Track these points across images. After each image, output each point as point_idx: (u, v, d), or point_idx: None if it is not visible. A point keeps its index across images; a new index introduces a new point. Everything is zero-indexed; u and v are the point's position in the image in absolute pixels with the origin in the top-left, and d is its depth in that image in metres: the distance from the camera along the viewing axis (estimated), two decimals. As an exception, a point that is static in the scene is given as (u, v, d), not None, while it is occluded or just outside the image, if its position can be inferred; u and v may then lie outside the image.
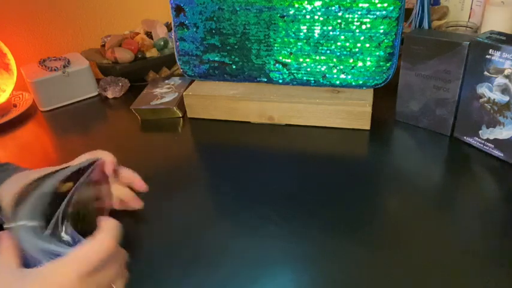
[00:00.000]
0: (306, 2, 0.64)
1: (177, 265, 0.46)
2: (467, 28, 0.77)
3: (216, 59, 0.74)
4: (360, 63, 0.66)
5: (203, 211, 0.54)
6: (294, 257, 0.45)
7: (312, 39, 0.67)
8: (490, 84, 0.54)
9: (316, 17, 0.65)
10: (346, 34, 0.65)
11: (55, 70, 0.87)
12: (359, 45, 0.65)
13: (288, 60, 0.69)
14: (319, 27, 0.65)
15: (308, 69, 0.69)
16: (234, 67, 0.73)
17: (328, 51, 0.67)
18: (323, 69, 0.68)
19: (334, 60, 0.67)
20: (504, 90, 0.53)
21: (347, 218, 0.50)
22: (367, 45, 0.64)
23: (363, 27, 0.63)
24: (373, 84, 0.67)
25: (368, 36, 0.64)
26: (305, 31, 0.66)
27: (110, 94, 0.89)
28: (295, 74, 0.70)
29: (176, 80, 0.85)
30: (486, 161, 0.57)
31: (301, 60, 0.69)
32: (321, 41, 0.66)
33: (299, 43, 0.67)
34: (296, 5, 0.65)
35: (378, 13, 0.62)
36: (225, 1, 0.68)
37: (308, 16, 0.65)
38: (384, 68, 0.66)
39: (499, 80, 0.53)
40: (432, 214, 0.50)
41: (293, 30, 0.67)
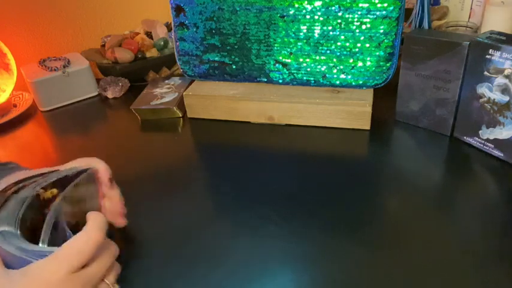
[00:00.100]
0: (306, 2, 0.64)
1: (177, 265, 0.46)
2: (467, 28, 0.77)
3: (216, 59, 0.74)
4: (360, 63, 0.66)
5: (203, 211, 0.54)
6: (294, 257, 0.45)
7: (312, 39, 0.67)
8: (490, 84, 0.54)
9: (316, 17, 0.65)
10: (346, 34, 0.65)
11: (55, 70, 0.87)
12: (359, 45, 0.65)
13: (288, 60, 0.69)
14: (319, 27, 0.65)
15: (308, 69, 0.69)
16: (234, 67, 0.73)
17: (328, 51, 0.67)
18: (323, 69, 0.68)
19: (334, 60, 0.67)
20: (504, 90, 0.53)
21: (347, 218, 0.50)
22: (367, 45, 0.64)
23: (363, 27, 0.63)
24: (373, 84, 0.67)
25: (368, 36, 0.64)
26: (305, 31, 0.66)
27: (110, 94, 0.89)
28: (295, 74, 0.70)
29: (176, 80, 0.85)
30: (486, 161, 0.57)
31: (301, 60, 0.69)
32: (321, 41, 0.66)
33: (299, 43, 0.67)
34: (296, 5, 0.65)
35: (378, 13, 0.62)
36: (225, 1, 0.68)
37: (308, 16, 0.65)
38: (384, 68, 0.66)
39: (499, 80, 0.53)
40: (432, 214, 0.50)
41: (293, 30, 0.67)
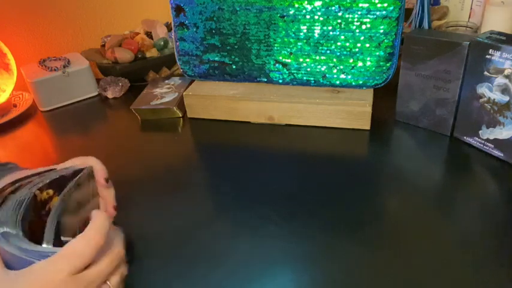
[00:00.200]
0: (306, 2, 0.64)
1: (177, 265, 0.46)
2: (467, 28, 0.77)
3: (216, 59, 0.74)
4: (360, 63, 0.66)
5: (203, 211, 0.54)
6: (294, 257, 0.45)
7: (312, 39, 0.67)
8: (490, 84, 0.54)
9: (316, 17, 0.65)
10: (346, 34, 0.65)
11: (55, 70, 0.87)
12: (359, 45, 0.65)
13: (288, 60, 0.69)
14: (319, 27, 0.65)
15: (308, 69, 0.69)
16: (234, 67, 0.73)
17: (328, 51, 0.67)
18: (323, 69, 0.68)
19: (334, 60, 0.67)
20: (504, 90, 0.53)
21: (347, 218, 0.50)
22: (367, 45, 0.64)
23: (363, 27, 0.63)
24: (373, 84, 0.67)
25: (368, 36, 0.64)
26: (305, 31, 0.66)
27: (110, 94, 0.89)
28: (295, 74, 0.70)
29: (176, 80, 0.85)
30: (486, 161, 0.57)
31: (301, 60, 0.69)
32: (321, 41, 0.66)
33: (299, 43, 0.67)
34: (296, 5, 0.65)
35: (378, 13, 0.62)
36: (225, 1, 0.68)
37: (308, 16, 0.65)
38: (384, 68, 0.66)
39: (499, 80, 0.53)
40: (432, 214, 0.50)
41: (293, 30, 0.67)
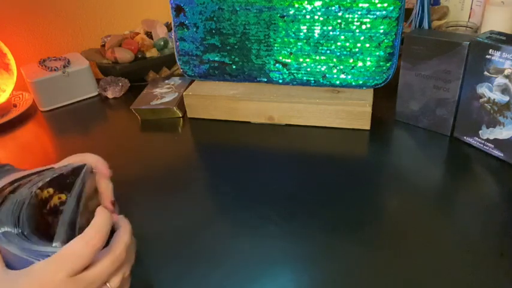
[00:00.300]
0: (306, 2, 0.64)
1: (177, 265, 0.46)
2: (467, 28, 0.77)
3: (216, 59, 0.74)
4: (360, 63, 0.66)
5: (203, 211, 0.54)
6: (294, 257, 0.45)
7: (312, 39, 0.67)
8: (490, 84, 0.54)
9: (316, 17, 0.65)
10: (346, 34, 0.65)
11: (55, 70, 0.87)
12: (359, 45, 0.65)
13: (288, 60, 0.69)
14: (319, 27, 0.65)
15: (308, 69, 0.69)
16: (234, 67, 0.73)
17: (328, 51, 0.67)
18: (323, 69, 0.68)
19: (334, 60, 0.67)
20: (504, 90, 0.53)
21: (347, 218, 0.50)
22: (367, 45, 0.64)
23: (363, 27, 0.63)
24: (373, 84, 0.67)
25: (368, 36, 0.64)
26: (305, 31, 0.66)
27: (110, 94, 0.89)
28: (295, 74, 0.70)
29: (176, 80, 0.85)
30: (486, 161, 0.57)
31: (301, 60, 0.69)
32: (321, 41, 0.66)
33: (299, 43, 0.67)
34: (296, 5, 0.65)
35: (378, 13, 0.62)
36: (225, 1, 0.68)
37: (308, 16, 0.65)
38: (384, 68, 0.66)
39: (499, 80, 0.53)
40: (432, 214, 0.50)
41: (293, 30, 0.67)
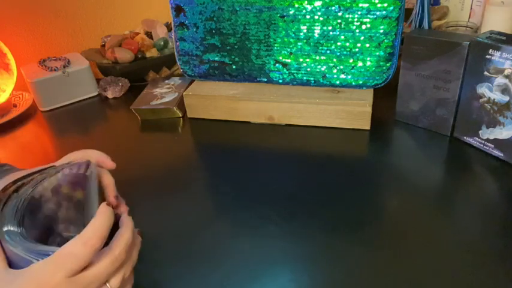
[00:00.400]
0: (306, 2, 0.64)
1: (177, 265, 0.46)
2: (467, 28, 0.77)
3: (216, 59, 0.74)
4: (360, 63, 0.66)
5: (203, 211, 0.54)
6: (294, 257, 0.45)
7: (312, 39, 0.67)
8: (490, 84, 0.54)
9: (316, 17, 0.65)
10: (346, 34, 0.65)
11: (55, 70, 0.87)
12: (359, 45, 0.65)
13: (288, 60, 0.69)
14: (319, 27, 0.65)
15: (308, 69, 0.69)
16: (234, 67, 0.73)
17: (328, 51, 0.67)
18: (323, 69, 0.68)
19: (334, 60, 0.67)
20: (504, 90, 0.53)
21: (347, 218, 0.50)
22: (367, 45, 0.64)
23: (363, 27, 0.63)
24: (373, 84, 0.67)
25: (368, 36, 0.64)
26: (305, 31, 0.66)
27: (110, 94, 0.89)
28: (295, 74, 0.70)
29: (176, 80, 0.85)
30: (486, 161, 0.57)
31: (301, 60, 0.69)
32: (321, 41, 0.66)
33: (299, 43, 0.67)
34: (296, 5, 0.65)
35: (378, 13, 0.62)
36: (225, 1, 0.68)
37: (308, 16, 0.65)
38: (384, 68, 0.66)
39: (499, 80, 0.53)
40: (432, 214, 0.50)
41: (293, 30, 0.67)
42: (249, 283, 0.43)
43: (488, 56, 0.53)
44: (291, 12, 0.66)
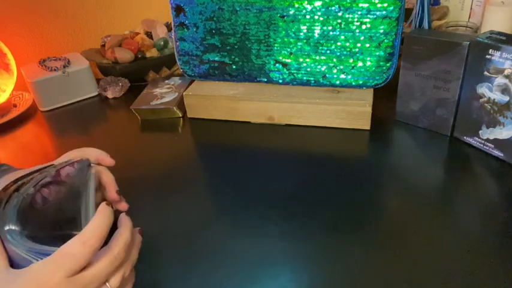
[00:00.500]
0: (306, 2, 0.64)
1: (177, 265, 0.46)
2: (467, 28, 0.77)
3: (216, 59, 0.74)
4: (360, 63, 0.66)
5: (203, 211, 0.54)
6: (294, 257, 0.45)
7: (312, 39, 0.67)
8: (490, 84, 0.54)
9: (316, 17, 0.65)
10: (346, 34, 0.65)
11: (55, 70, 0.87)
12: (359, 45, 0.65)
13: (288, 60, 0.69)
14: (319, 27, 0.65)
15: (308, 69, 0.69)
16: (234, 67, 0.73)
17: (328, 51, 0.67)
18: (323, 69, 0.68)
19: (334, 60, 0.67)
20: (504, 90, 0.53)
21: (347, 218, 0.50)
22: (367, 45, 0.64)
23: (363, 27, 0.63)
24: (373, 84, 0.67)
25: (368, 36, 0.64)
26: (305, 31, 0.66)
27: (110, 94, 0.89)
28: (295, 74, 0.70)
29: (176, 80, 0.85)
30: (486, 161, 0.57)
31: (301, 60, 0.69)
32: (321, 41, 0.66)
33: (299, 43, 0.67)
34: (296, 5, 0.65)
35: (378, 13, 0.62)
36: (225, 1, 0.68)
37: (308, 16, 0.65)
38: (384, 68, 0.66)
39: (499, 80, 0.53)
40: (432, 214, 0.50)
41: (293, 30, 0.67)
42: (249, 283, 0.43)
43: (488, 56, 0.53)
44: (291, 12, 0.66)
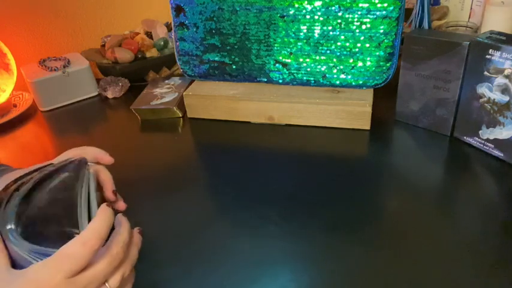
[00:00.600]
0: (306, 2, 0.64)
1: (177, 265, 0.46)
2: (467, 28, 0.77)
3: (216, 59, 0.74)
4: (360, 63, 0.66)
5: (203, 211, 0.54)
6: (294, 257, 0.45)
7: (312, 39, 0.67)
8: (490, 84, 0.54)
9: (316, 17, 0.65)
10: (346, 34, 0.65)
11: (55, 70, 0.87)
12: (359, 45, 0.65)
13: (288, 60, 0.69)
14: (319, 27, 0.65)
15: (308, 69, 0.69)
16: (234, 67, 0.73)
17: (328, 51, 0.67)
18: (323, 69, 0.68)
19: (334, 60, 0.67)
20: (504, 90, 0.53)
21: (347, 218, 0.50)
22: (367, 45, 0.64)
23: (363, 27, 0.63)
24: (373, 84, 0.67)
25: (368, 36, 0.64)
26: (305, 31, 0.66)
27: (110, 94, 0.89)
28: (295, 74, 0.70)
29: (176, 80, 0.85)
30: (486, 161, 0.57)
31: (301, 60, 0.69)
32: (321, 41, 0.66)
33: (299, 43, 0.67)
34: (296, 5, 0.65)
35: (378, 13, 0.62)
36: (225, 1, 0.68)
37: (308, 16, 0.65)
38: (384, 68, 0.66)
39: (499, 80, 0.53)
40: (432, 214, 0.50)
41: (293, 30, 0.67)
42: (249, 283, 0.43)
43: (488, 56, 0.53)
44: (291, 12, 0.66)
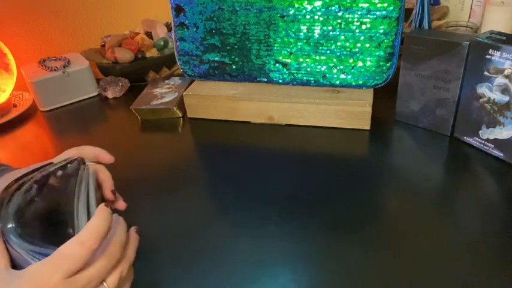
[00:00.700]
0: (306, 2, 0.64)
1: (177, 265, 0.46)
2: (467, 28, 0.77)
3: (216, 59, 0.74)
4: (360, 63, 0.66)
5: (203, 211, 0.54)
6: (294, 257, 0.45)
7: (312, 39, 0.67)
8: (490, 84, 0.54)
9: (316, 17, 0.65)
10: (346, 34, 0.65)
11: (55, 70, 0.87)
12: (359, 45, 0.65)
13: (288, 60, 0.69)
14: (319, 27, 0.65)
15: (308, 69, 0.69)
16: (234, 67, 0.73)
17: (328, 51, 0.67)
18: (323, 69, 0.68)
19: (334, 60, 0.67)
20: (504, 90, 0.53)
21: (347, 218, 0.50)
22: (367, 45, 0.64)
23: (363, 27, 0.63)
24: (373, 84, 0.67)
25: (368, 36, 0.64)
26: (305, 31, 0.66)
27: (110, 94, 0.89)
28: (295, 74, 0.70)
29: (176, 80, 0.85)
30: (486, 161, 0.57)
31: (301, 60, 0.69)
32: (321, 41, 0.66)
33: (299, 43, 0.67)
34: (296, 5, 0.65)
35: (378, 13, 0.62)
36: (225, 1, 0.68)
37: (308, 16, 0.65)
38: (384, 68, 0.66)
39: (499, 80, 0.53)
40: (432, 214, 0.50)
41: (293, 30, 0.67)
42: (249, 283, 0.43)
43: (488, 56, 0.53)
44: (291, 12, 0.66)
